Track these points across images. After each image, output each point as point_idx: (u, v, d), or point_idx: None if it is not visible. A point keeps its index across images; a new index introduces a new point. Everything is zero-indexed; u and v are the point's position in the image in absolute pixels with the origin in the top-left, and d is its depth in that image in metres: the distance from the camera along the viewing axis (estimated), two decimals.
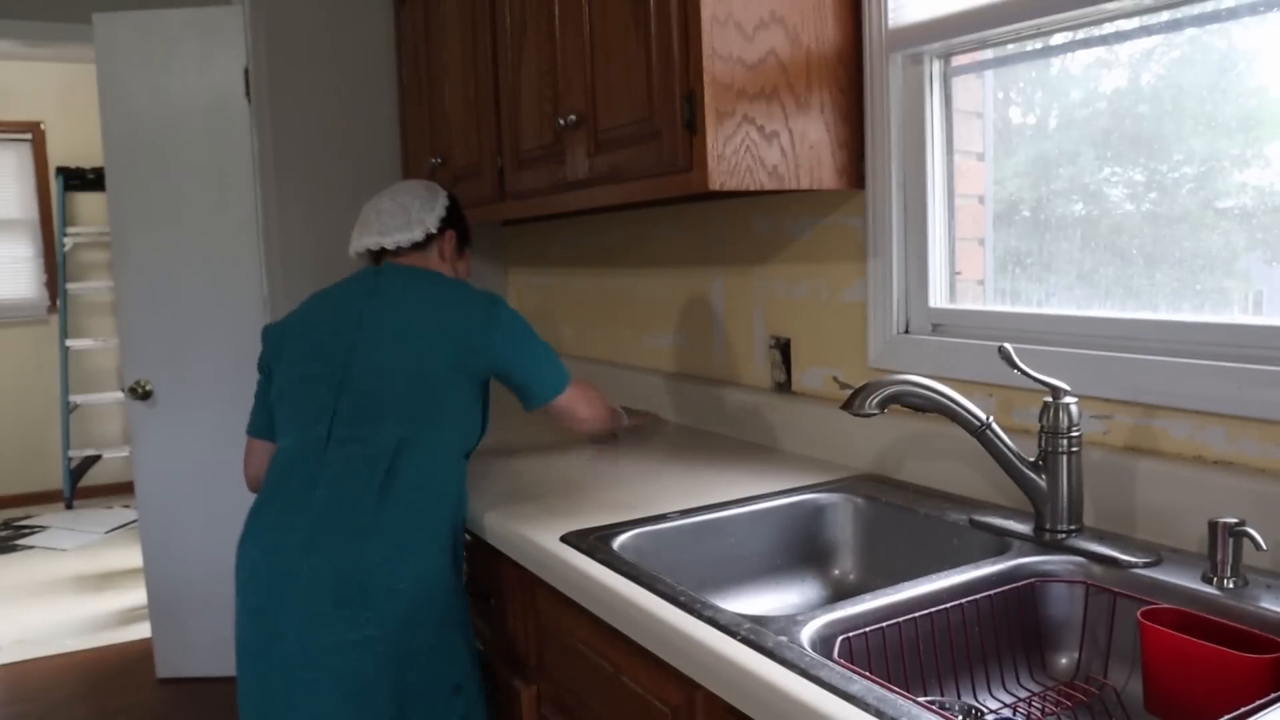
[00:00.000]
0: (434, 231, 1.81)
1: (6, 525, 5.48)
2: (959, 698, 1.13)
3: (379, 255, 1.84)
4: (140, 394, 3.08)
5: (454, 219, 1.88)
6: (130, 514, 5.48)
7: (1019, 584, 1.18)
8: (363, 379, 1.60)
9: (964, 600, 1.13)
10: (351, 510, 1.50)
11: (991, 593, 1.15)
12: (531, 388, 1.72)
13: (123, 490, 5.88)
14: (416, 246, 1.81)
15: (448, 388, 1.61)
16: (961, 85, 1.59)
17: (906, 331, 1.66)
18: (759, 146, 1.57)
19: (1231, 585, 1.06)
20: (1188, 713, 0.99)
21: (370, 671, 1.46)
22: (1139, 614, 1.05)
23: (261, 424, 1.74)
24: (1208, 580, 1.08)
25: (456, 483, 1.61)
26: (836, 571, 1.53)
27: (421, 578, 1.50)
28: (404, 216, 1.79)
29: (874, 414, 1.25)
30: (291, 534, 1.50)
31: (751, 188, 1.57)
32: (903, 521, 1.46)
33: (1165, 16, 1.29)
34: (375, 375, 1.60)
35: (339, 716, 1.45)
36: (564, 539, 1.37)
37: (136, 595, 4.12)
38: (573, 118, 1.83)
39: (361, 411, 1.58)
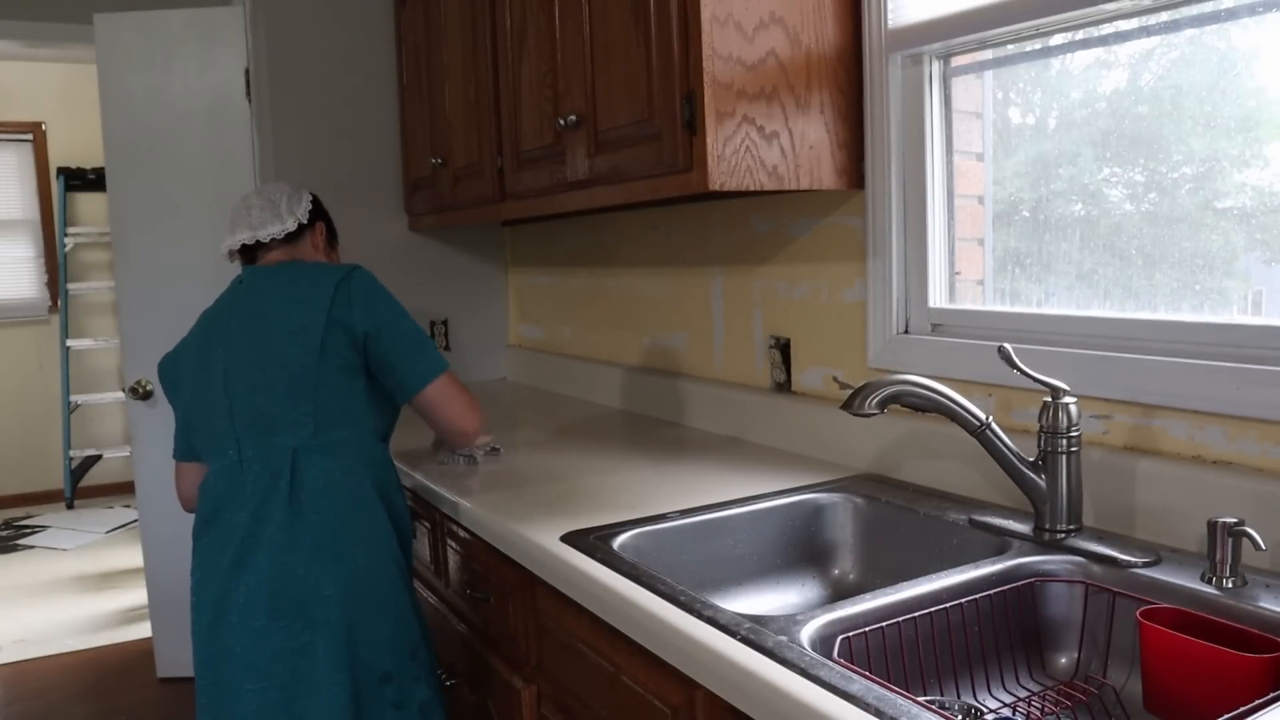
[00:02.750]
0: (304, 222, 1.83)
1: (7, 525, 5.49)
2: (959, 697, 1.13)
3: (253, 253, 1.81)
4: (141, 394, 3.08)
5: (321, 212, 1.90)
6: (131, 514, 5.48)
7: (1018, 584, 1.18)
8: (247, 398, 1.60)
9: (964, 600, 1.13)
10: (269, 527, 1.54)
11: (991, 592, 1.16)
12: (399, 368, 1.64)
13: (123, 490, 5.89)
14: (289, 238, 1.81)
15: (326, 383, 1.59)
16: (961, 85, 1.59)
17: (906, 331, 1.66)
18: (759, 147, 1.57)
19: (1230, 585, 1.07)
20: (1187, 712, 0.99)
21: (313, 673, 1.52)
22: (1138, 614, 1.05)
23: (183, 448, 1.74)
24: (1207, 580, 1.08)
25: (373, 478, 1.61)
26: (836, 571, 1.54)
27: (349, 579, 1.54)
28: (274, 211, 1.80)
29: (874, 414, 1.25)
30: (224, 555, 1.56)
31: (751, 188, 1.58)
32: (902, 521, 1.46)
33: (1165, 17, 1.29)
34: (254, 392, 1.60)
35: (284, 716, 1.51)
36: (564, 539, 1.37)
37: (137, 595, 4.12)
38: (573, 118, 1.83)
39: (256, 429, 1.59)
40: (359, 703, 1.54)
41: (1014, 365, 1.28)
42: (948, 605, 1.12)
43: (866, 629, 1.05)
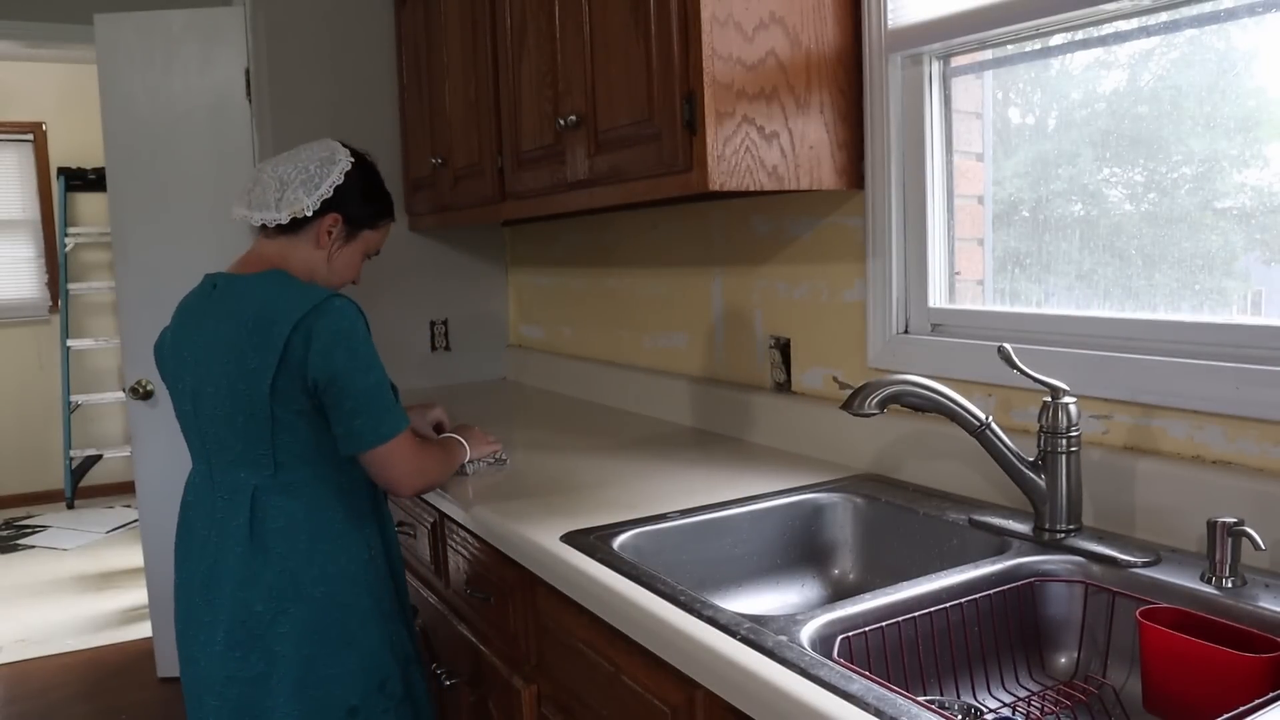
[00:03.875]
0: (308, 215, 1.58)
1: (8, 525, 5.49)
2: (959, 697, 1.13)
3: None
4: (141, 394, 3.08)
5: (346, 198, 1.61)
6: (131, 514, 5.48)
7: (1018, 583, 1.18)
8: (213, 425, 1.52)
9: (963, 600, 1.13)
10: (230, 558, 1.50)
11: (991, 592, 1.16)
12: (344, 425, 1.47)
13: (124, 490, 5.89)
14: (284, 229, 1.59)
15: (282, 425, 1.48)
16: (961, 86, 1.59)
17: (906, 331, 1.66)
18: (759, 147, 1.57)
19: (1230, 585, 1.07)
20: (1186, 712, 0.99)
21: (266, 701, 1.49)
22: (1138, 613, 1.05)
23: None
24: (1206, 580, 1.08)
25: (344, 508, 1.55)
26: (836, 571, 1.54)
27: (307, 619, 1.50)
28: (278, 192, 1.58)
29: (874, 414, 1.25)
30: (195, 574, 1.55)
31: (751, 188, 1.58)
32: (902, 521, 1.46)
33: (1164, 17, 1.29)
34: (218, 423, 1.51)
35: None
36: (564, 539, 1.37)
37: (137, 595, 4.12)
38: (573, 118, 1.83)
39: (223, 458, 1.53)
40: None
41: (1014, 365, 1.28)
42: (948, 605, 1.12)
43: (866, 629, 1.05)
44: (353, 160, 1.65)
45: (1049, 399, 1.26)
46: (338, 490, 1.55)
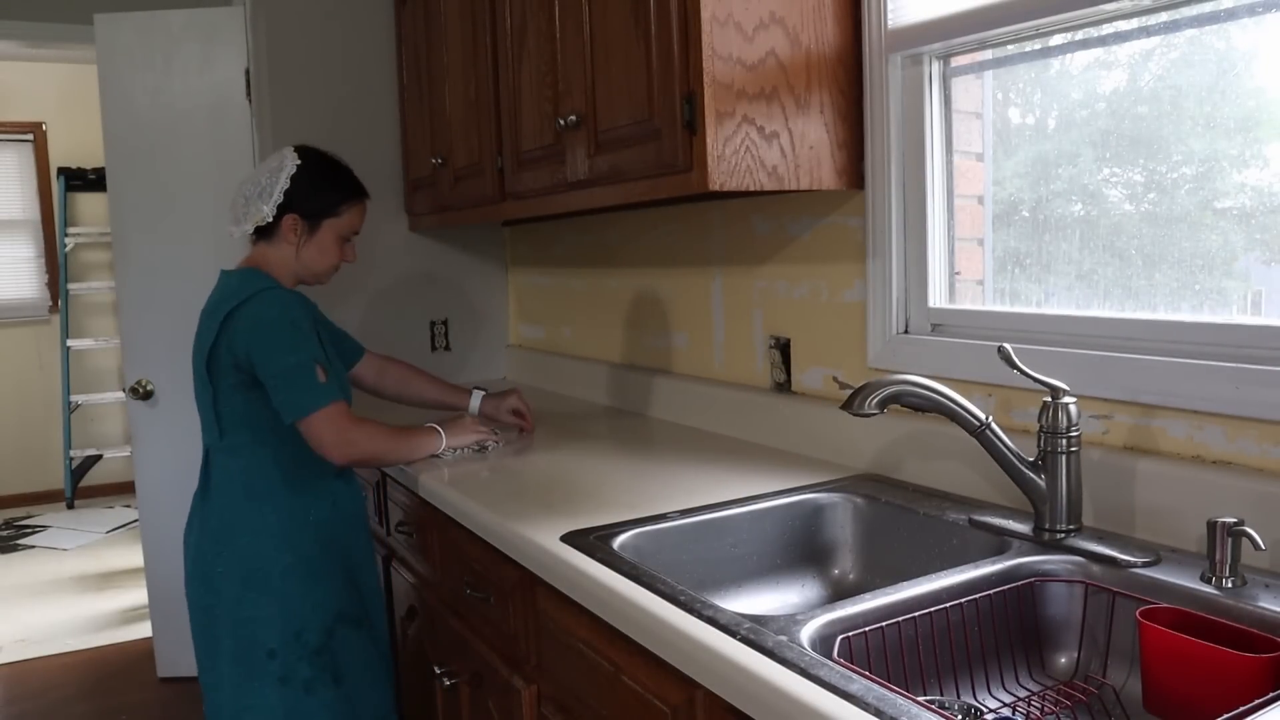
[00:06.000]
0: (269, 220, 1.81)
1: (8, 525, 5.49)
2: (959, 697, 1.13)
3: None
4: (141, 394, 3.08)
5: (297, 198, 1.81)
6: (131, 513, 5.48)
7: (1018, 583, 1.18)
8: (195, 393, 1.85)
9: (963, 600, 1.13)
10: (195, 507, 1.85)
11: (991, 592, 1.16)
12: (275, 396, 1.71)
13: (124, 490, 5.88)
14: (260, 236, 1.85)
15: (222, 396, 1.77)
16: (961, 86, 1.59)
17: (906, 331, 1.66)
18: (759, 147, 1.57)
19: (1230, 585, 1.07)
20: (1186, 712, 0.99)
21: (214, 629, 1.79)
22: (1138, 613, 1.05)
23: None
24: (1206, 580, 1.08)
25: (281, 474, 1.79)
26: (836, 571, 1.54)
27: (236, 561, 1.77)
28: (244, 206, 1.83)
29: (874, 414, 1.25)
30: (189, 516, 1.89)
31: (751, 188, 1.58)
32: (902, 521, 1.46)
33: (1164, 17, 1.29)
34: (195, 390, 1.83)
35: (200, 654, 1.84)
36: (564, 539, 1.37)
37: (137, 595, 4.12)
38: (573, 118, 1.83)
39: (201, 422, 1.84)
40: (248, 668, 1.76)
41: (1014, 365, 1.28)
42: (948, 605, 1.12)
43: (866, 629, 1.05)
44: (299, 161, 1.84)
45: (1049, 399, 1.26)
46: (275, 456, 1.79)
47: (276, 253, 1.84)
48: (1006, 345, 1.29)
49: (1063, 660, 1.19)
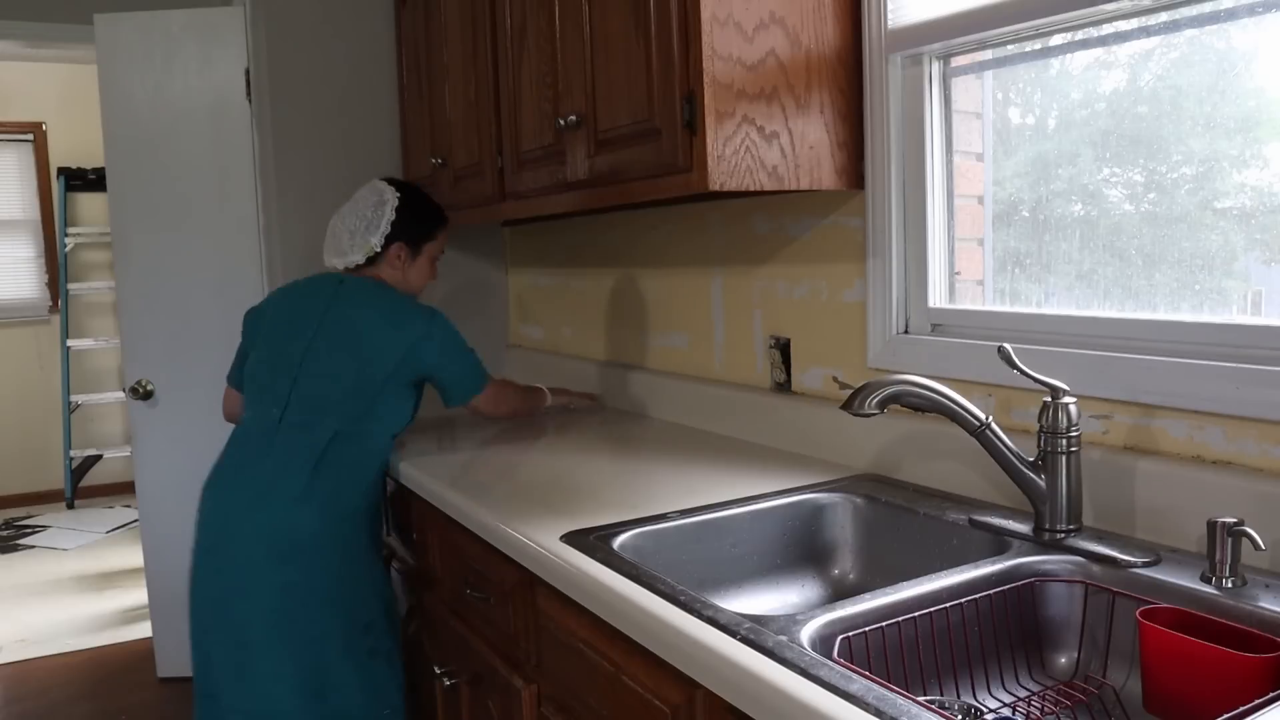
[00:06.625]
0: (379, 250, 2.06)
1: (8, 525, 5.49)
2: (959, 697, 1.13)
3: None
4: (141, 394, 3.08)
5: (401, 228, 2.07)
6: (131, 514, 5.48)
7: (1018, 584, 1.18)
8: (314, 378, 1.93)
9: (963, 600, 1.13)
10: (290, 482, 1.85)
11: (991, 592, 1.16)
12: (453, 390, 2.03)
13: (124, 490, 5.89)
14: (368, 262, 2.08)
15: (383, 393, 1.93)
16: (961, 86, 1.59)
17: (906, 332, 1.66)
18: (759, 147, 1.57)
19: (1230, 585, 1.07)
20: (1186, 712, 1.00)
21: (294, 609, 1.82)
22: (1138, 613, 1.05)
23: (236, 377, 2.13)
24: (1206, 580, 1.08)
25: (378, 466, 1.96)
26: (836, 571, 1.54)
27: (340, 538, 1.86)
28: (349, 240, 2.06)
29: (874, 414, 1.25)
30: (242, 493, 1.88)
31: (751, 188, 1.58)
32: (902, 521, 1.46)
33: (1164, 17, 1.29)
34: (324, 378, 1.92)
35: (263, 641, 1.82)
36: (564, 539, 1.37)
37: (137, 595, 4.12)
38: (573, 118, 1.83)
39: (309, 404, 1.92)
40: (341, 644, 1.84)
41: (1014, 365, 1.28)
42: (947, 605, 1.12)
43: (866, 629, 1.05)
44: (399, 195, 2.09)
45: (1049, 399, 1.26)
46: (382, 446, 1.96)
47: (385, 275, 2.08)
48: (1006, 345, 1.29)
49: (1063, 660, 1.19)
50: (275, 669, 1.82)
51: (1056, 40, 1.44)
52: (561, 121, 1.86)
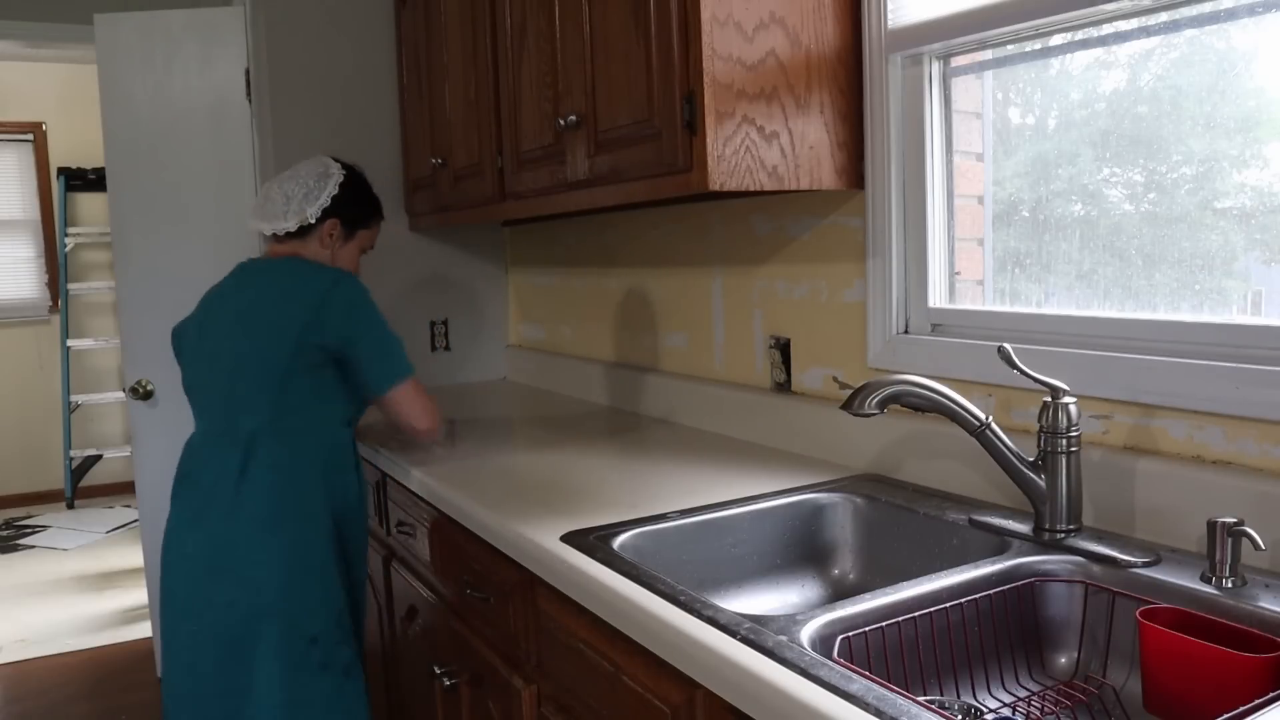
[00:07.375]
0: (311, 222, 1.92)
1: (8, 525, 5.49)
2: (959, 697, 1.13)
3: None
4: (141, 394, 3.08)
5: (341, 205, 1.95)
6: (131, 513, 5.48)
7: (1018, 584, 1.18)
8: (226, 378, 1.81)
9: (963, 600, 1.13)
10: (219, 496, 1.77)
11: (991, 592, 1.16)
12: (370, 371, 1.82)
13: (124, 490, 5.89)
14: (293, 235, 1.93)
15: (296, 374, 1.77)
16: (961, 86, 1.59)
17: (906, 332, 1.66)
18: (759, 147, 1.57)
19: (1230, 585, 1.07)
20: (1186, 712, 1.00)
21: (237, 626, 1.73)
22: (1138, 613, 1.05)
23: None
24: (1206, 580, 1.08)
25: (323, 464, 1.83)
26: (836, 571, 1.54)
27: (284, 549, 1.75)
28: (284, 204, 1.92)
29: (874, 414, 1.25)
30: (185, 512, 1.81)
31: (751, 188, 1.58)
32: (902, 521, 1.46)
33: (1164, 17, 1.29)
34: (231, 374, 1.80)
35: (209, 661, 1.74)
36: (564, 539, 1.37)
37: (137, 595, 4.12)
38: (573, 118, 1.83)
39: (228, 407, 1.81)
40: (291, 660, 1.74)
41: (1014, 365, 1.28)
42: (948, 605, 1.12)
43: (866, 629, 1.05)
44: (344, 172, 1.99)
45: (1049, 399, 1.26)
46: (325, 440, 1.84)
47: (308, 252, 1.94)
48: (1006, 345, 1.29)
49: (1063, 660, 1.19)
50: (227, 687, 1.74)
51: (1056, 40, 1.44)
52: (561, 121, 1.86)
